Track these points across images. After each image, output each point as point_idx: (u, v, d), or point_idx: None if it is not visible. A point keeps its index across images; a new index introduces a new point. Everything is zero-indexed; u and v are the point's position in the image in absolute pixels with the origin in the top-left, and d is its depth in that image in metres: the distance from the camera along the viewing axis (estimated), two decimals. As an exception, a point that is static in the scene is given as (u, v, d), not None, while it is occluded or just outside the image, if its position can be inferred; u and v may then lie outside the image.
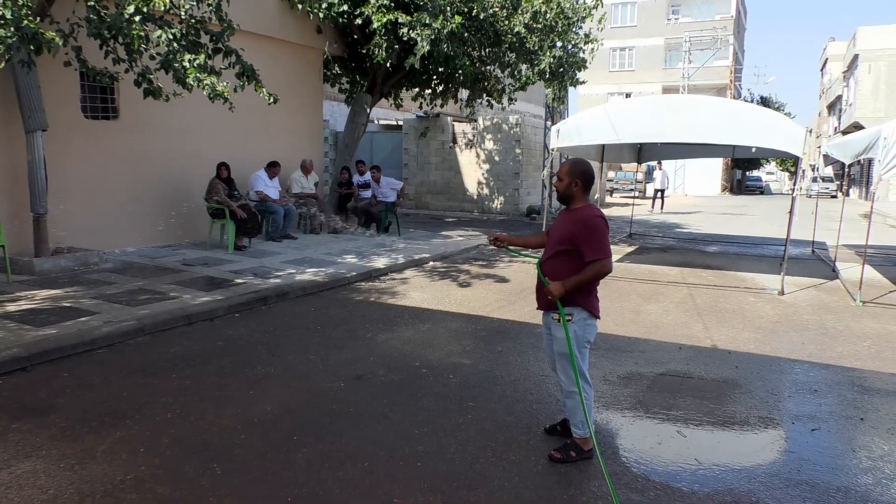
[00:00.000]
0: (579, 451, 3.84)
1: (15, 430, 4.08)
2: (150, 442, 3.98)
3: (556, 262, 3.81)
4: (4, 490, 3.36)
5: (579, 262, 3.72)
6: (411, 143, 21.17)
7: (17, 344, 5.40)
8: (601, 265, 3.67)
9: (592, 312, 3.84)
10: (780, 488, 3.59)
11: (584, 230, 3.69)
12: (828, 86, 51.99)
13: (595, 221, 3.70)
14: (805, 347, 6.39)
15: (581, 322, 3.80)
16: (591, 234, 3.68)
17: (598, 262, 3.67)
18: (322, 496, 3.41)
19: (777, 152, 10.21)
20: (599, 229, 3.69)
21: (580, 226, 3.71)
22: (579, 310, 3.78)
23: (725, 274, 10.58)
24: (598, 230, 3.69)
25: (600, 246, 3.67)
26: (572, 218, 3.79)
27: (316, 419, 4.42)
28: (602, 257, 3.66)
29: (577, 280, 3.69)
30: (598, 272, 3.68)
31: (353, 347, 6.07)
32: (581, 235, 3.69)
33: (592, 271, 3.68)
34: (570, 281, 3.70)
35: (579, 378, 3.74)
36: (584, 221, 3.71)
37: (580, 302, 3.79)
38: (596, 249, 3.66)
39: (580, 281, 3.70)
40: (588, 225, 3.70)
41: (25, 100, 7.91)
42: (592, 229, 3.69)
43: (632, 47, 45.88)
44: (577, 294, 3.76)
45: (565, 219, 3.86)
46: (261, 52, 11.13)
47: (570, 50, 12.75)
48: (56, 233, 8.72)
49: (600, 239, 3.68)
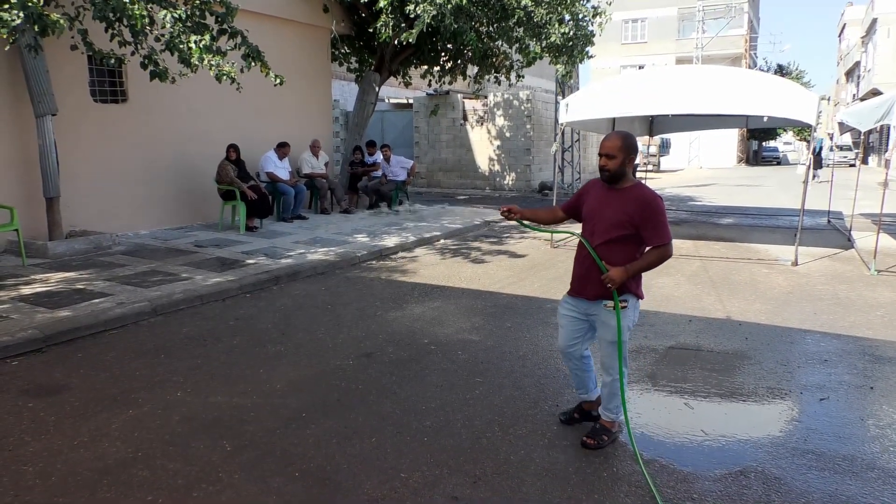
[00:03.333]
0: (609, 434, 3.73)
1: (30, 409, 4.16)
2: (161, 420, 4.05)
3: (613, 247, 3.47)
4: (20, 466, 3.44)
5: (637, 247, 3.50)
6: (422, 121, 21.07)
7: (32, 325, 5.49)
8: (666, 250, 3.44)
9: (641, 296, 3.65)
10: (786, 458, 3.59)
11: (648, 212, 3.40)
12: (846, 52, 51.04)
13: (659, 203, 3.42)
14: (817, 317, 6.35)
15: (633, 308, 3.60)
16: (655, 216, 3.40)
17: (663, 247, 3.43)
18: (329, 471, 3.45)
19: (790, 121, 10.06)
20: (662, 210, 3.42)
21: (642, 207, 3.40)
22: (632, 297, 3.57)
23: (739, 246, 10.51)
24: (663, 212, 3.42)
25: (665, 229, 3.41)
26: (629, 198, 3.46)
27: (325, 396, 4.47)
28: (668, 241, 3.43)
29: (640, 266, 3.45)
30: (662, 257, 3.45)
31: (363, 325, 6.11)
32: (643, 218, 3.40)
33: (656, 256, 3.45)
34: (633, 266, 3.43)
35: (623, 365, 3.60)
36: (647, 202, 3.41)
37: (634, 288, 3.56)
38: (662, 233, 3.41)
39: (643, 267, 3.46)
40: (652, 206, 3.40)
41: (34, 84, 7.96)
42: (657, 211, 3.40)
43: (644, 18, 45.18)
44: (631, 280, 3.51)
45: (617, 199, 3.50)
46: (268, 32, 11.10)
47: (578, 23, 12.56)
48: (69, 216, 8.80)
49: (664, 221, 3.41)
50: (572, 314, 3.75)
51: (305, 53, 12.86)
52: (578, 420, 3.98)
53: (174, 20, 7.29)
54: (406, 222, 12.20)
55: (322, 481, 3.36)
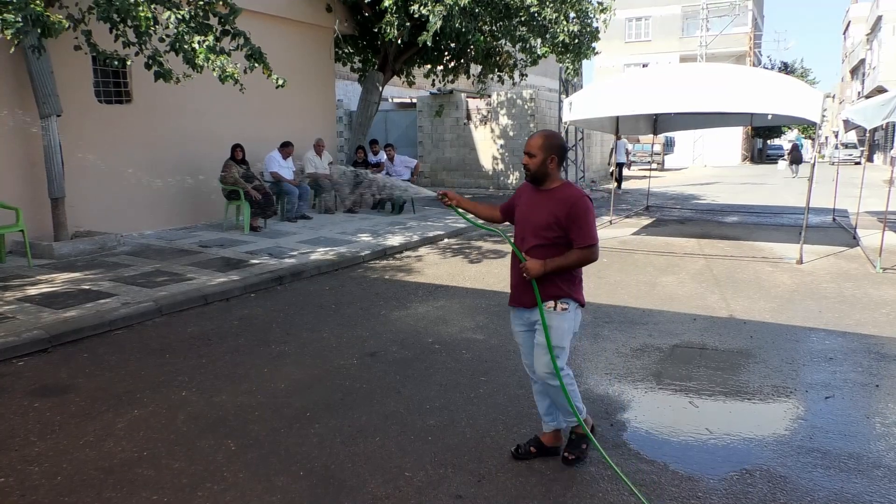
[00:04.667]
0: (587, 440, 3.51)
1: (36, 409, 4.18)
2: (166, 419, 4.06)
3: (544, 252, 3.32)
4: (27, 466, 3.45)
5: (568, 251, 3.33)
6: (426, 121, 21.06)
7: (38, 326, 5.51)
8: (591, 252, 3.29)
9: (582, 303, 3.48)
10: (791, 456, 3.58)
11: (574, 212, 3.25)
12: (850, 49, 50.85)
13: (586, 203, 3.29)
14: (822, 315, 6.33)
15: (574, 314, 3.43)
16: (581, 216, 3.25)
17: (588, 248, 3.28)
18: (333, 470, 3.46)
19: (794, 119, 10.03)
20: (590, 211, 3.29)
21: (568, 207, 3.26)
22: (572, 301, 3.40)
23: (743, 244, 10.48)
24: (590, 213, 3.29)
25: (590, 230, 3.27)
26: (555, 199, 3.32)
27: (329, 395, 4.47)
28: (593, 243, 3.28)
29: (559, 263, 3.27)
30: (585, 259, 3.30)
31: (367, 325, 6.11)
32: (568, 218, 3.25)
33: (577, 257, 3.28)
34: (552, 262, 3.27)
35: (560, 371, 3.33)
36: (574, 203, 3.27)
37: (571, 292, 3.39)
38: (586, 234, 3.26)
39: (563, 265, 3.28)
40: (579, 207, 3.26)
41: (39, 85, 7.98)
42: (583, 211, 3.26)
43: (648, 17, 45.06)
44: (569, 284, 3.37)
45: (544, 200, 3.36)
46: (271, 31, 11.12)
47: (583, 20, 12.55)
48: (74, 217, 8.82)
49: (590, 222, 3.28)
50: (522, 328, 3.57)
51: (309, 53, 12.88)
52: (534, 455, 3.57)
53: (178, 21, 7.30)
54: (410, 222, 12.21)
55: (326, 480, 3.36)
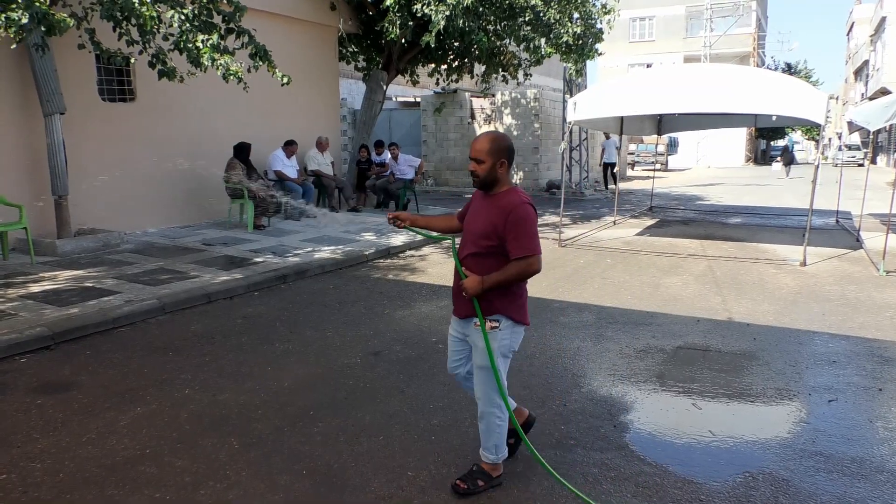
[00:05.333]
0: (487, 479, 3.28)
1: (38, 406, 4.18)
2: (169, 417, 4.06)
3: (481, 261, 3.11)
4: (29, 463, 3.46)
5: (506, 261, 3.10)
6: (429, 120, 21.08)
7: (41, 323, 5.52)
8: (528, 263, 3.03)
9: (521, 320, 3.23)
10: (794, 459, 3.58)
11: (511, 219, 3.02)
12: (854, 51, 50.76)
13: (524, 210, 3.04)
14: (825, 318, 6.32)
15: (507, 330, 3.18)
16: (518, 225, 3.02)
17: (524, 259, 3.02)
18: (337, 469, 3.46)
19: (799, 120, 10.01)
20: (529, 219, 3.05)
21: (506, 215, 3.03)
22: (505, 319, 3.16)
23: (746, 246, 10.47)
24: (528, 220, 3.04)
25: (528, 240, 3.03)
26: (496, 205, 3.10)
27: (332, 394, 4.48)
28: (530, 254, 3.02)
29: (497, 279, 3.04)
30: (523, 272, 3.05)
31: (371, 324, 6.12)
32: (505, 226, 3.03)
33: (516, 270, 3.03)
34: (489, 278, 3.04)
35: (500, 397, 3.20)
36: (511, 210, 3.03)
37: (506, 310, 3.15)
38: (523, 244, 3.02)
39: (500, 281, 3.04)
40: (516, 213, 3.02)
41: (42, 83, 7.99)
42: (520, 219, 3.03)
43: (652, 17, 45.02)
44: (501, 299, 3.13)
45: (486, 206, 3.16)
46: (275, 30, 11.11)
47: (586, 21, 12.54)
48: (77, 214, 8.84)
49: (529, 231, 3.04)
50: (455, 334, 3.40)
51: (313, 52, 12.87)
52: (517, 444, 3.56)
53: (182, 20, 7.30)
54: (413, 221, 12.19)
55: (329, 479, 3.36)
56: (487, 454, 3.31)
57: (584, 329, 6.04)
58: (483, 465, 3.33)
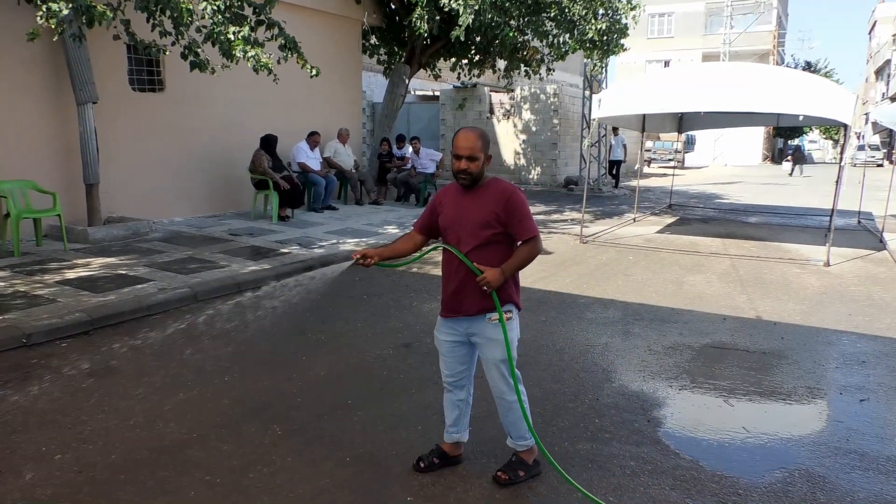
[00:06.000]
0: (527, 468, 3.35)
1: (84, 390, 4.29)
2: (211, 403, 4.16)
3: (486, 251, 3.10)
4: (80, 444, 3.56)
5: (510, 247, 3.16)
6: (448, 114, 21.09)
7: (79, 309, 5.63)
8: (535, 244, 3.12)
9: (520, 306, 3.31)
10: (829, 457, 3.62)
11: (511, 205, 3.08)
12: (876, 50, 50.26)
13: (520, 195, 3.14)
14: (852, 319, 6.33)
15: (516, 317, 3.27)
16: (519, 208, 3.09)
17: (532, 240, 3.11)
18: (379, 457, 3.54)
19: (825, 120, 9.98)
20: (524, 202, 3.13)
21: (505, 201, 3.08)
22: (514, 307, 3.24)
23: (768, 245, 10.46)
24: (523, 203, 3.12)
25: (529, 222, 3.11)
26: (489, 194, 3.13)
27: (367, 384, 4.56)
28: (536, 234, 3.12)
29: (514, 264, 3.11)
30: (533, 253, 3.13)
31: (399, 316, 6.19)
32: (507, 212, 3.08)
33: (527, 252, 3.12)
34: (508, 266, 3.08)
35: (518, 383, 3.26)
36: (508, 195, 3.10)
37: (515, 297, 3.24)
38: (527, 226, 3.10)
39: (517, 265, 3.12)
40: (514, 199, 3.10)
41: (76, 73, 8.11)
42: (519, 203, 3.10)
43: (671, 13, 44.75)
44: (514, 287, 3.23)
45: (476, 199, 3.14)
46: (300, 23, 11.16)
47: (612, 17, 12.55)
48: (106, 202, 8.95)
49: (529, 213, 3.13)
50: (452, 338, 3.32)
51: (336, 45, 12.93)
52: (438, 466, 3.43)
53: (214, 11, 7.38)
54: (434, 215, 12.26)
55: (372, 466, 3.44)
56: (520, 442, 3.36)
57: (610, 325, 6.09)
58: (521, 455, 3.38)
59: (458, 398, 3.44)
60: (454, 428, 3.46)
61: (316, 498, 3.14)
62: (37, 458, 3.40)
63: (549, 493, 3.25)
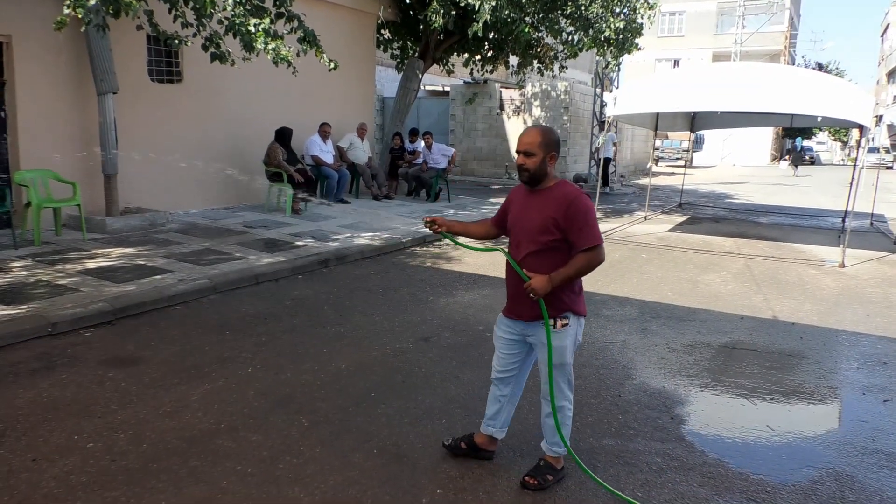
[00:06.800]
0: (555, 473, 3.31)
1: (111, 379, 4.32)
2: (237, 394, 4.18)
3: (541, 258, 3.07)
4: (111, 433, 3.59)
5: (569, 256, 3.05)
6: (458, 110, 21.11)
7: (101, 298, 5.67)
8: (595, 254, 3.00)
9: (583, 313, 3.23)
10: (855, 456, 3.63)
11: (572, 211, 2.99)
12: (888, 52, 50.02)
13: (585, 201, 3.04)
14: (870, 320, 6.34)
15: (575, 325, 3.19)
16: (581, 215, 2.99)
17: (591, 250, 2.99)
18: (405, 449, 3.56)
19: (842, 121, 9.96)
20: (590, 209, 3.03)
21: (566, 207, 3.00)
22: (572, 315, 3.16)
23: (782, 245, 10.45)
24: (589, 211, 3.02)
25: (591, 230, 3.00)
26: (550, 198, 3.07)
27: (389, 377, 4.58)
28: (597, 243, 3.00)
29: (566, 273, 3.00)
30: (590, 263, 3.00)
31: (416, 310, 6.22)
32: (567, 218, 3.00)
33: (584, 261, 3.00)
34: (558, 275, 3.00)
35: (565, 390, 3.27)
36: (570, 201, 3.01)
37: (574, 305, 3.15)
38: (588, 235, 2.99)
39: (570, 275, 3.02)
40: (576, 205, 3.00)
41: (98, 63, 8.14)
42: (582, 210, 3.00)
43: (682, 12, 44.58)
44: (570, 295, 3.13)
45: (539, 202, 3.11)
46: (316, 16, 11.14)
47: (627, 15, 12.53)
48: (123, 193, 8.98)
49: (591, 221, 3.01)
50: (508, 335, 3.33)
51: (351, 38, 12.93)
52: (464, 452, 3.48)
53: (235, 2, 7.39)
54: (446, 210, 12.29)
55: (400, 458, 3.47)
56: (554, 448, 3.33)
57: (628, 322, 6.10)
58: (549, 459, 3.35)
59: (502, 393, 3.44)
60: (491, 421, 3.47)
61: (347, 489, 3.17)
62: (70, 447, 3.43)
63: (576, 488, 3.27)
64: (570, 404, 3.33)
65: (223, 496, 3.06)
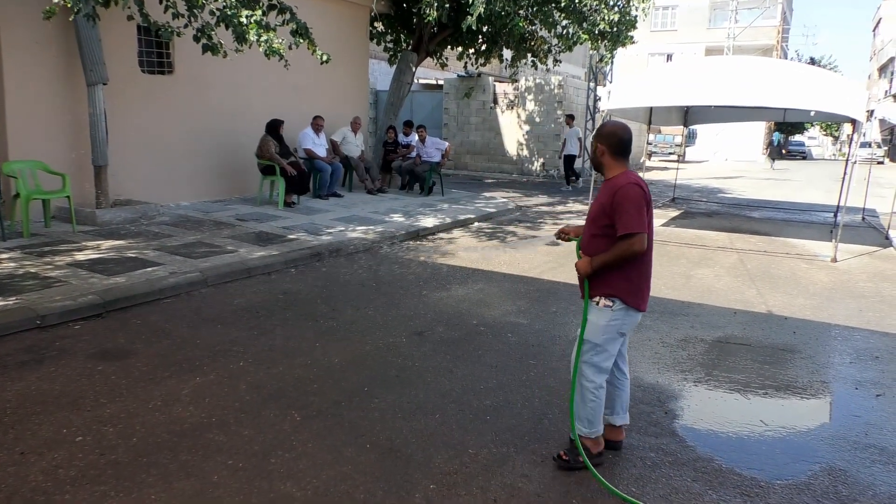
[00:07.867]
0: (588, 455, 3.33)
1: (101, 373, 4.28)
2: (228, 388, 4.15)
3: (596, 241, 3.28)
4: (100, 426, 3.55)
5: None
6: (452, 103, 21.03)
7: (92, 291, 5.61)
8: (630, 242, 3.10)
9: (635, 305, 3.29)
10: (848, 451, 3.63)
11: (617, 199, 3.14)
12: (880, 47, 50.17)
13: (627, 190, 3.14)
14: (863, 315, 6.35)
15: (621, 312, 3.27)
16: (622, 203, 3.12)
17: (626, 238, 3.10)
18: (398, 444, 3.54)
19: (836, 116, 9.97)
20: (630, 198, 3.12)
21: (612, 194, 3.17)
22: (620, 301, 3.25)
23: (774, 240, 10.47)
24: (629, 199, 3.12)
25: (629, 218, 3.09)
26: (608, 187, 3.25)
27: (383, 371, 4.55)
28: (631, 231, 3.08)
29: (603, 259, 3.19)
30: (626, 250, 3.12)
31: (410, 304, 6.19)
32: (611, 205, 3.16)
33: (620, 249, 3.13)
34: (597, 259, 3.22)
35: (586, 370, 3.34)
36: (616, 189, 3.17)
37: (621, 292, 3.24)
38: (625, 222, 3.10)
39: (606, 261, 3.18)
40: (620, 193, 3.14)
41: (87, 53, 8.04)
42: (623, 198, 3.13)
43: (675, 6, 44.56)
44: (619, 281, 3.23)
45: (602, 189, 3.32)
46: (309, 8, 11.08)
47: (622, 8, 12.49)
48: (113, 185, 8.90)
49: (630, 210, 3.10)
50: None
51: (344, 31, 12.86)
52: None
53: (227, -6, 7.33)
54: (440, 203, 12.26)
55: (393, 453, 3.44)
56: (580, 425, 3.36)
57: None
58: (582, 440, 3.36)
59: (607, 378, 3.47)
60: (606, 410, 3.51)
61: (339, 484, 3.14)
62: (58, 440, 3.39)
63: (575, 485, 3.25)
64: (594, 388, 3.34)
65: (214, 490, 3.03)
